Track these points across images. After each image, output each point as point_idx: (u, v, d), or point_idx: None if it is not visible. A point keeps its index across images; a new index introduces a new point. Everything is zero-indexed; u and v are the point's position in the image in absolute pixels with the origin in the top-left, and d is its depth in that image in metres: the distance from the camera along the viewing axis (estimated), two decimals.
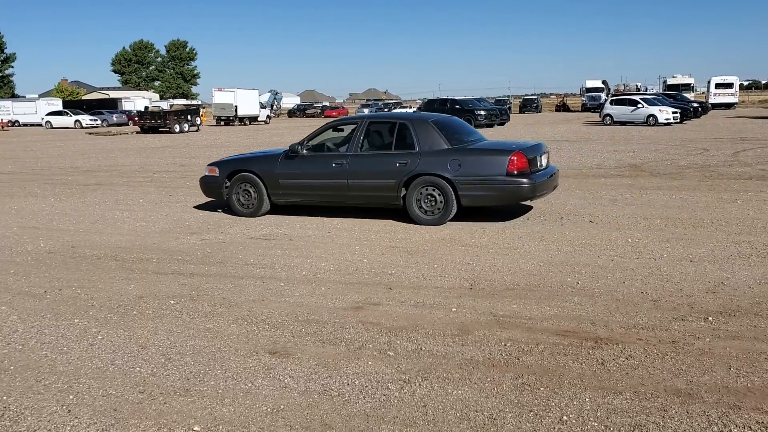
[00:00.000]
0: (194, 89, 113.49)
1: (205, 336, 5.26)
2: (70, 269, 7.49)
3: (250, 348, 4.97)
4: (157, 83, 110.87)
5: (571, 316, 5.52)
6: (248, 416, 3.88)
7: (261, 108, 61.59)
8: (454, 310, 5.73)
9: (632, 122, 36.65)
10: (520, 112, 70.36)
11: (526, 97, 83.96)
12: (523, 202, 9.93)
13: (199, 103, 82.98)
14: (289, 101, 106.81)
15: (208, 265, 7.55)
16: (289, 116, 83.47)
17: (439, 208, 9.42)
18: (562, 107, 73.47)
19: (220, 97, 56.70)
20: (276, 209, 10.68)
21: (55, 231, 9.81)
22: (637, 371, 4.37)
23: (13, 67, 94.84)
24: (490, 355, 4.72)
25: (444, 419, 3.80)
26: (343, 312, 5.77)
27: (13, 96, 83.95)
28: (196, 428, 3.74)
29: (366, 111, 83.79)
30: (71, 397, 4.19)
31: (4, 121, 61.17)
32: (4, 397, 4.20)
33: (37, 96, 78.12)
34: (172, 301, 6.18)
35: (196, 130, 46.11)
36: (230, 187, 10.72)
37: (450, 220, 9.40)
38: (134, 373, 4.55)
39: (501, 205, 9.71)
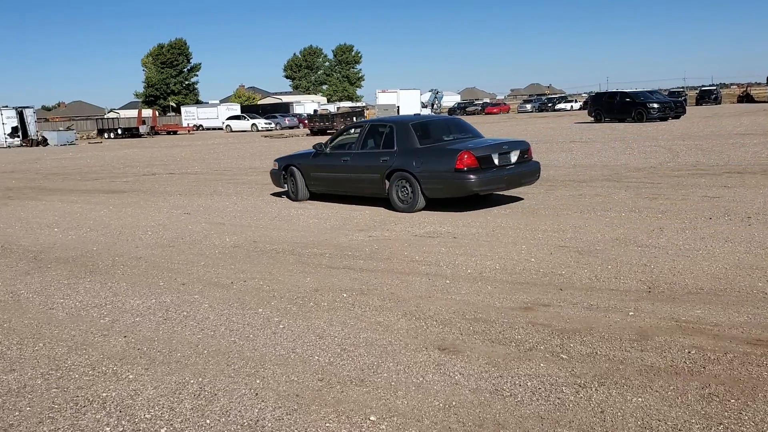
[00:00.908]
0: (359, 92, 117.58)
1: (376, 329, 5.42)
2: (253, 262, 8.04)
3: (419, 343, 5.06)
4: (324, 87, 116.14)
5: (764, 324, 5.05)
6: (421, 410, 3.95)
7: (422, 107, 62.40)
8: (631, 314, 5.46)
9: None
10: (696, 104, 65.54)
11: (703, 88, 78.03)
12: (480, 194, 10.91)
13: (364, 105, 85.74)
14: (450, 100, 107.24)
15: (375, 261, 7.78)
16: (450, 114, 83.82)
17: (410, 198, 10.91)
18: (745, 98, 67.37)
19: (383, 99, 58.24)
20: (435, 206, 10.80)
21: (238, 227, 10.58)
22: None
23: (197, 75, 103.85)
24: (673, 363, 4.44)
25: (624, 427, 3.63)
26: (511, 312, 5.70)
27: (198, 102, 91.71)
28: (372, 418, 3.87)
29: (528, 107, 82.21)
30: (258, 381, 4.50)
31: (190, 125, 67.06)
32: (200, 379, 4.60)
33: (218, 102, 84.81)
34: (345, 295, 6.44)
35: None
36: (286, 177, 13.27)
37: (620, 219, 8.99)
38: (313, 361, 4.80)
39: (454, 197, 10.87)
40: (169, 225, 10.97)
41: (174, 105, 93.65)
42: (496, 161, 10.69)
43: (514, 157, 11.04)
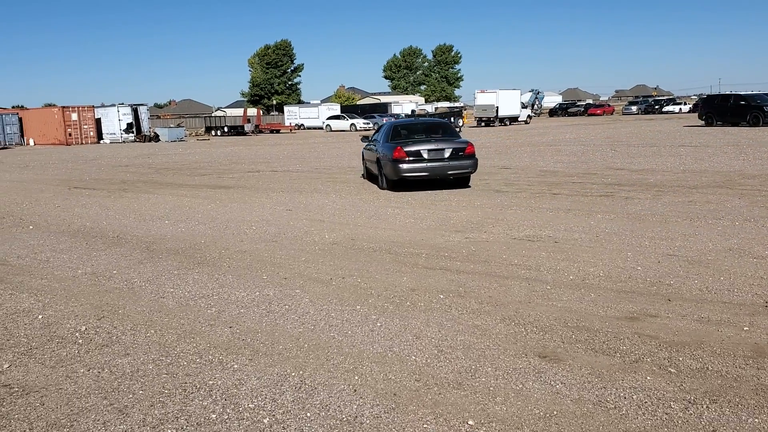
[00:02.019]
0: (457, 92, 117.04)
1: (473, 332, 5.37)
2: (351, 259, 8.15)
3: (518, 349, 4.97)
4: (423, 87, 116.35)
5: None
6: (521, 417, 3.87)
7: (522, 108, 61.38)
8: (746, 329, 5.14)
9: None
10: None
11: None
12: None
13: (462, 105, 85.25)
14: (551, 100, 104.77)
15: (473, 263, 7.71)
16: (550, 115, 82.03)
17: (381, 179, 15.22)
18: None
19: (482, 99, 57.69)
20: (534, 210, 10.56)
21: (337, 224, 10.77)
22: None
23: (300, 76, 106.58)
24: None
25: None
26: (616, 321, 5.49)
27: (300, 102, 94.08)
28: (470, 422, 3.83)
29: (633, 109, 79.12)
30: (356, 378, 4.56)
31: (292, 124, 68.88)
32: (301, 372, 4.71)
33: (319, 102, 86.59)
34: (442, 296, 6.42)
35: (458, 132, 47.41)
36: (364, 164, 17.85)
37: (733, 228, 8.48)
38: (410, 361, 4.81)
39: (394, 178, 14.41)
40: (272, 221, 11.30)
41: (277, 104, 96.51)
42: (425, 155, 14.15)
43: (447, 153, 14.26)
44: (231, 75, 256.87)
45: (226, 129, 61.71)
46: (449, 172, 14.31)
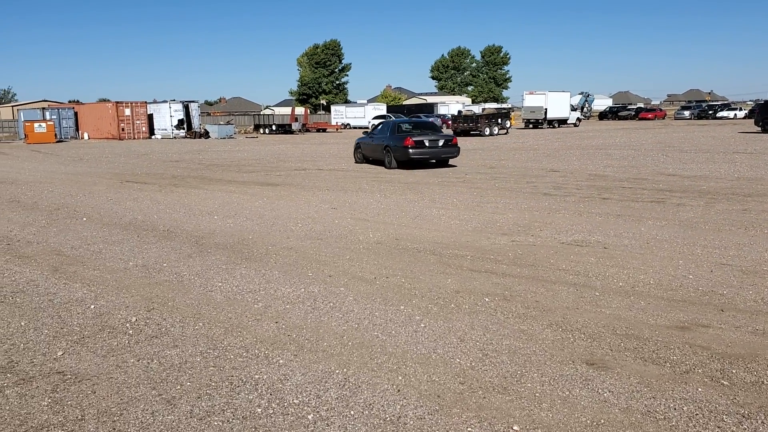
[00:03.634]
0: (504, 93, 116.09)
1: (519, 337, 5.31)
2: (395, 259, 8.15)
3: (565, 355, 4.89)
4: (470, 88, 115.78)
5: None
6: (567, 424, 3.81)
7: (571, 110, 60.48)
8: None
9: None
10: None
11: None
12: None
13: (510, 106, 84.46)
14: (601, 103, 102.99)
15: (519, 267, 7.63)
16: (600, 119, 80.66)
17: (390, 161, 20.69)
18: None
19: (530, 100, 57.04)
20: (582, 214, 10.38)
21: (381, 224, 10.79)
22: None
23: (348, 75, 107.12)
24: None
25: None
26: (666, 330, 5.36)
27: (346, 101, 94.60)
28: (515, 428, 3.79)
29: (686, 113, 77.18)
30: (400, 378, 4.56)
31: (338, 124, 69.26)
32: (345, 370, 4.73)
33: (365, 101, 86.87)
34: (487, 299, 6.36)
35: (505, 133, 47.04)
36: (355, 150, 23.82)
37: None
38: (455, 363, 4.78)
39: (404, 160, 20.14)
40: (318, 218, 11.38)
41: (324, 103, 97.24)
42: (427, 144, 20.16)
43: (440, 142, 20.42)
44: (280, 74, 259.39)
45: (274, 127, 62.40)
46: (442, 156, 20.65)
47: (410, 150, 19.79)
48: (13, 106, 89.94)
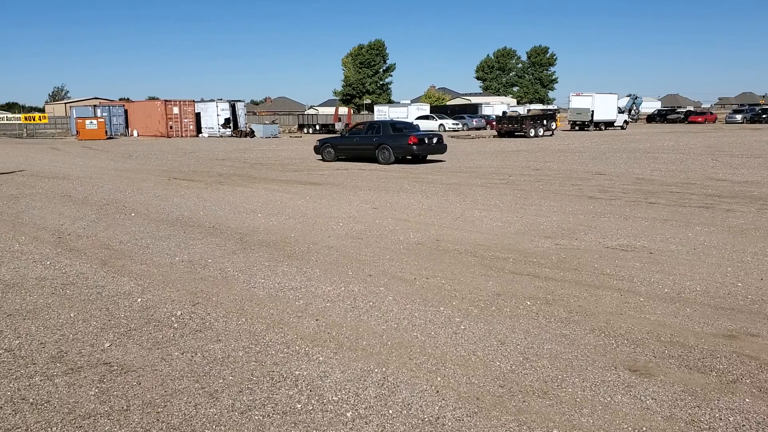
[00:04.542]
0: (550, 94, 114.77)
1: (561, 341, 5.25)
2: (435, 260, 8.14)
3: (608, 361, 4.82)
4: (515, 89, 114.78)
5: None
6: (608, 431, 3.76)
7: (618, 113, 59.42)
8: None
9: None
10: None
11: None
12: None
13: (556, 108, 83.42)
14: (649, 106, 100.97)
15: (563, 271, 7.54)
16: (648, 121, 79.02)
17: (386, 157, 23.12)
18: None
19: (577, 102, 56.22)
20: (628, 218, 10.19)
21: (422, 224, 10.78)
22: None
23: (392, 75, 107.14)
24: None
25: None
26: (712, 339, 5.24)
27: (390, 102, 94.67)
28: None
29: (738, 117, 75.06)
30: (439, 379, 4.55)
31: None
32: (383, 369, 4.75)
33: (409, 102, 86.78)
34: (528, 302, 6.31)
35: (551, 135, 46.47)
36: (323, 149, 25.45)
37: None
38: (494, 366, 4.76)
39: (406, 154, 23.13)
40: (359, 218, 11.44)
41: (368, 103, 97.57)
42: (426, 142, 23.34)
43: (434, 140, 23.66)
44: (325, 74, 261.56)
45: (317, 127, 62.86)
46: (435, 152, 24.11)
47: (414, 147, 22.94)
48: (66, 103, 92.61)
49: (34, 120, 57.17)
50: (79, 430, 3.90)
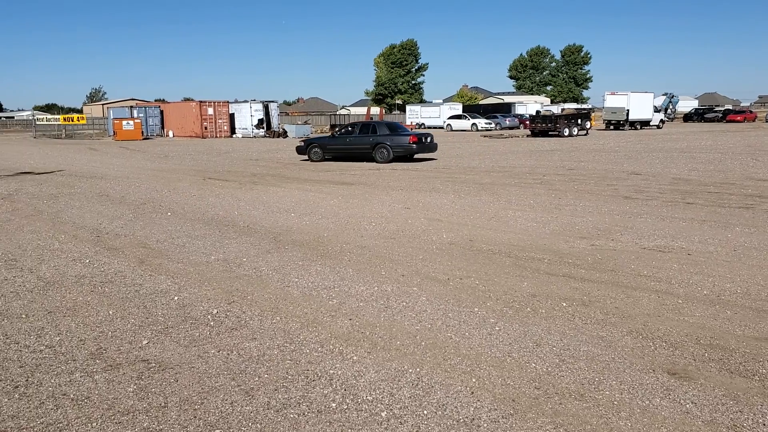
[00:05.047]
0: (585, 93, 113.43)
1: (597, 343, 5.18)
2: (469, 261, 8.10)
3: (646, 364, 4.74)
4: (549, 88, 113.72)
5: None
6: None
7: (654, 112, 58.44)
8: None
9: None
10: None
11: None
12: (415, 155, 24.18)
13: (590, 107, 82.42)
14: (686, 105, 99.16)
15: (599, 272, 7.44)
16: (685, 120, 77.61)
17: (384, 156, 24.05)
18: None
19: (612, 101, 55.43)
20: (665, 219, 10.01)
21: (455, 224, 10.74)
22: None
23: (424, 75, 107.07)
24: None
25: None
26: (754, 342, 5.12)
27: (422, 101, 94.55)
28: None
29: None
30: (473, 380, 4.53)
31: (413, 123, 69.32)
32: (417, 369, 4.74)
33: (441, 101, 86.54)
34: (564, 304, 6.24)
35: (585, 134, 45.91)
36: (309, 150, 26.00)
37: None
38: (530, 368, 4.72)
39: (406, 154, 24.30)
40: (391, 218, 11.44)
41: (400, 103, 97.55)
42: (423, 141, 24.32)
43: (429, 140, 24.65)
44: (357, 74, 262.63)
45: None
46: (429, 151, 25.20)
47: (414, 146, 24.43)
48: (103, 104, 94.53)
49: (72, 121, 58.40)
50: (118, 426, 3.97)
